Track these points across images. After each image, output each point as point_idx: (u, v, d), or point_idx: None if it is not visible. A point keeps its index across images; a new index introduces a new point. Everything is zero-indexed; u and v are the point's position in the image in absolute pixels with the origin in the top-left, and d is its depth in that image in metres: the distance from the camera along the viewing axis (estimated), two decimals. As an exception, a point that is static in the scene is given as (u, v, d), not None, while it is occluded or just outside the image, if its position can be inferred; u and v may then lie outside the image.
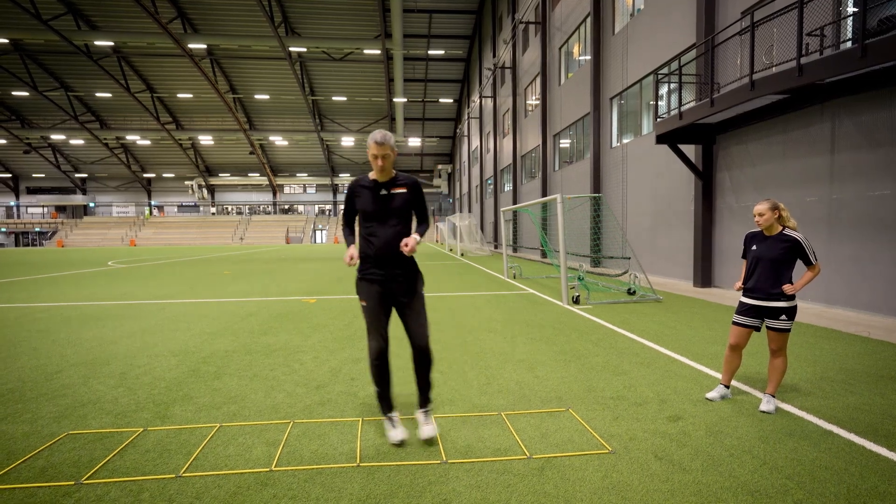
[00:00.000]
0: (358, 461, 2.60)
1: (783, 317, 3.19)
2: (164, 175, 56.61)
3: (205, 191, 57.33)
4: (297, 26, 34.79)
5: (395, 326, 3.38)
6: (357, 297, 3.03)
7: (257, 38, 33.48)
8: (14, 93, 40.91)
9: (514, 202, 25.47)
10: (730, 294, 9.01)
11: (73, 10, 31.91)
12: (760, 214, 3.26)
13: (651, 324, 6.29)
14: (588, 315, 6.96)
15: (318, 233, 56.98)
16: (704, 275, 9.99)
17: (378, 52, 35.09)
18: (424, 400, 3.03)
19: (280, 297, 9.12)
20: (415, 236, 2.81)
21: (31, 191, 56.63)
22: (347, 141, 50.24)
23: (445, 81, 44.67)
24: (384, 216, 2.81)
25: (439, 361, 4.58)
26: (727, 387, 3.50)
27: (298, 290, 10.35)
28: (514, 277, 12.50)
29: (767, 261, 3.23)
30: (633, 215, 13.24)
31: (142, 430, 3.06)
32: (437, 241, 51.25)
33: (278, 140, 49.71)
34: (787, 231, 3.24)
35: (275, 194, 59.77)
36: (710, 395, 3.49)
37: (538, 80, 21.69)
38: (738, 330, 3.39)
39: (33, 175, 55.33)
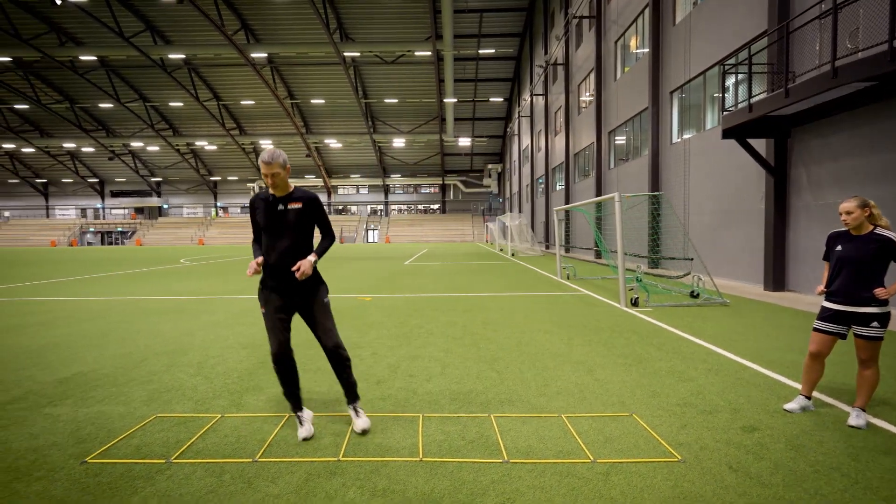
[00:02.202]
0: (421, 456, 2.65)
1: (875, 323, 2.94)
2: (229, 178, 60.07)
3: (265, 192, 60.32)
4: (351, 32, 35.85)
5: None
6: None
7: (314, 44, 34.80)
8: (101, 105, 44.88)
9: (567, 201, 24.95)
10: (806, 298, 8.37)
11: (150, 26, 34.57)
12: (848, 213, 3.01)
13: (718, 329, 5.96)
14: (648, 318, 6.71)
15: (370, 232, 58.42)
16: (777, 277, 9.34)
17: (429, 53, 35.47)
18: (351, 396, 3.10)
19: (337, 295, 9.44)
20: (310, 258, 2.86)
21: (114, 194, 61.87)
22: (398, 142, 51.13)
23: (495, 80, 44.46)
24: (279, 230, 2.88)
25: (495, 360, 4.59)
26: (808, 398, 3.26)
27: (354, 287, 10.67)
28: (568, 278, 12.25)
29: (855, 262, 2.98)
30: (695, 214, 12.60)
31: (219, 416, 3.27)
32: (486, 241, 51.11)
33: (333, 143, 51.42)
34: (879, 230, 2.97)
35: (329, 195, 61.89)
36: (788, 406, 3.26)
37: (592, 76, 21.12)
38: (820, 337, 3.15)
39: (116, 179, 60.42)
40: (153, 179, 60.19)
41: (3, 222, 59.28)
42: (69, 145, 50.84)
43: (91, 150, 52.34)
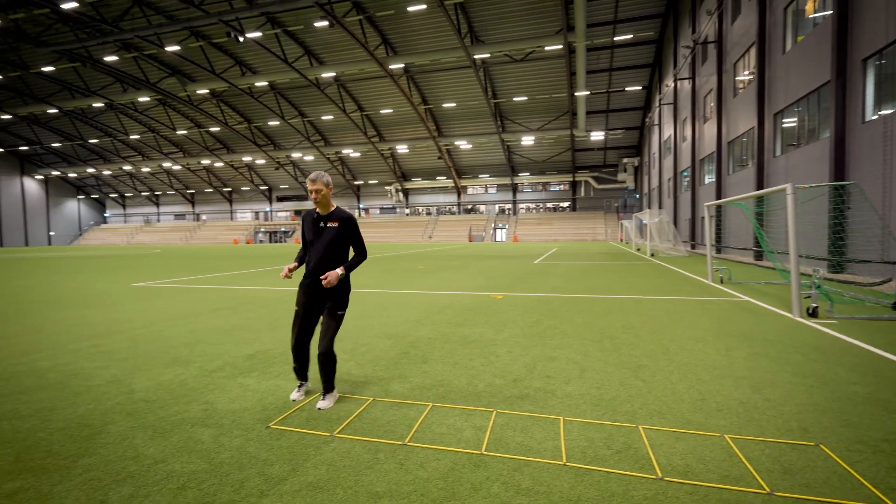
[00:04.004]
0: (564, 460, 2.58)
1: None
2: (370, 182, 65.64)
3: (401, 194, 64.56)
4: (481, 34, 36.44)
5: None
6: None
7: (446, 50, 36.16)
8: (270, 123, 52.52)
9: (718, 196, 22.17)
10: None
11: (307, 51, 39.37)
12: None
13: (938, 350, 4.75)
14: (833, 332, 5.63)
15: (498, 231, 58.90)
16: None
17: (559, 46, 34.43)
18: (326, 390, 3.47)
19: (469, 292, 9.69)
20: (337, 270, 3.27)
21: (279, 199, 71.88)
22: (527, 140, 50.63)
23: (633, 68, 41.36)
24: (319, 243, 3.36)
25: (640, 368, 4.26)
26: None
27: (485, 285, 10.84)
28: (722, 282, 10.88)
29: None
30: (898, 207, 10.20)
31: (371, 399, 3.58)
32: (621, 240, 47.98)
33: (463, 144, 52.92)
34: None
35: (459, 195, 63.87)
36: None
37: (752, 52, 18.42)
38: None
39: (280, 186, 70.13)
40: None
41: (201, 224, 72.84)
42: (247, 158, 60.41)
43: (262, 161, 61.49)
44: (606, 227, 54.79)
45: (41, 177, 69.73)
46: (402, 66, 40.54)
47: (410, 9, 28.78)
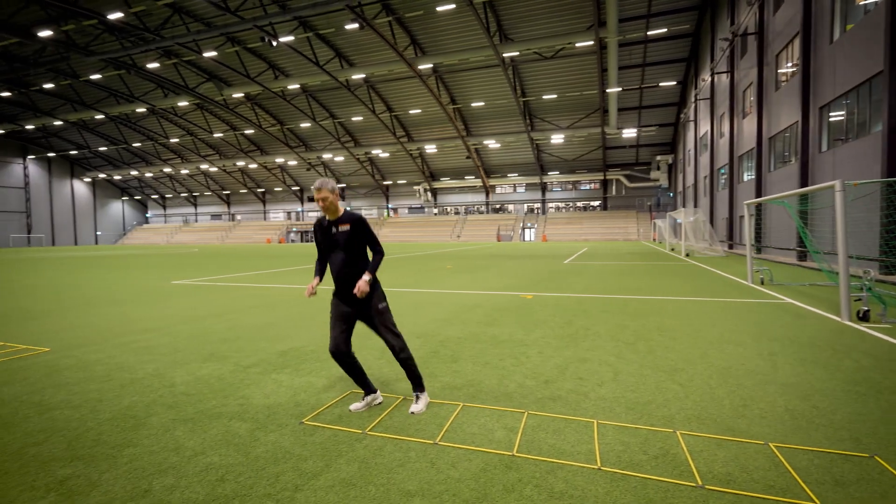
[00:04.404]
0: (599, 464, 2.52)
1: None
2: (398, 181, 66.15)
3: (429, 194, 64.80)
4: (511, 32, 36.15)
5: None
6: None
7: (474, 49, 36.06)
8: (302, 125, 53.63)
9: (758, 194, 21.29)
10: None
11: (338, 53, 39.99)
12: None
13: None
14: (887, 337, 5.31)
15: (526, 231, 58.37)
16: None
17: (591, 42, 33.81)
18: (415, 386, 3.41)
19: (498, 292, 9.62)
20: (365, 277, 3.23)
21: (311, 199, 73.27)
22: (557, 138, 49.94)
23: (667, 63, 40.17)
24: (336, 249, 3.33)
25: (676, 372, 4.13)
26: None
27: (514, 285, 10.75)
28: (763, 283, 10.44)
29: None
30: (959, 205, 9.54)
31: (402, 398, 3.59)
32: (653, 240, 46.77)
33: (491, 143, 52.66)
34: None
35: (487, 194, 63.61)
36: None
37: (796, 42, 17.60)
38: None
39: (311, 186, 71.59)
40: (339, 185, 69.69)
41: (236, 224, 75.10)
42: (280, 160, 61.89)
43: (294, 163, 62.85)
44: (639, 227, 53.48)
45: (89, 179, 73.37)
46: (431, 66, 40.64)
47: (439, 9, 28.82)
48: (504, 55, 36.21)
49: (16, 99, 49.02)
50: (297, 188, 71.80)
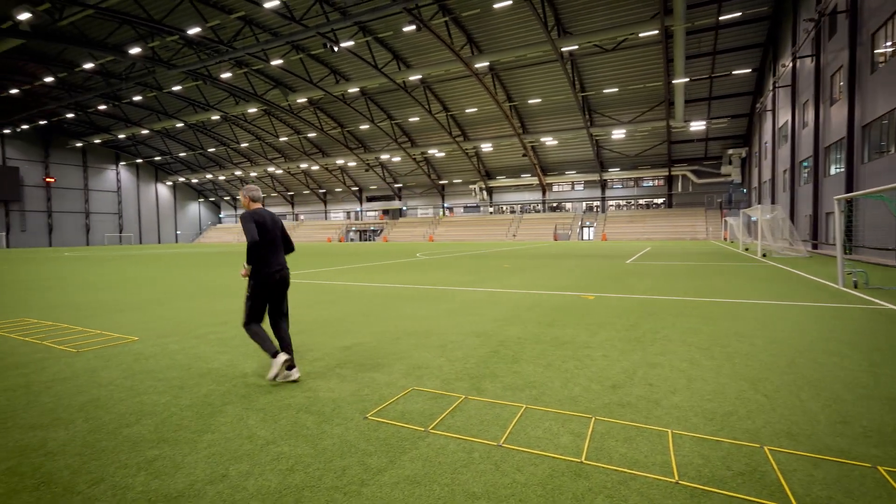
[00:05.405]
0: (676, 477, 2.35)
1: None
2: (454, 181, 66.42)
3: (485, 192, 64.57)
4: (569, 26, 35.17)
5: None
6: None
7: (531, 45, 35.44)
8: (361, 127, 55.25)
9: (849, 188, 19.32)
10: None
11: (396, 56, 40.77)
12: None
13: None
14: None
15: (585, 230, 56.68)
16: None
17: (655, 32, 32.17)
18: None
19: (557, 292, 9.37)
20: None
21: (369, 199, 75.36)
22: (618, 133, 48.05)
23: (740, 49, 37.40)
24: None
25: (759, 381, 3.80)
26: None
27: (574, 285, 10.43)
28: (856, 286, 9.44)
29: None
30: None
31: (463, 397, 3.56)
32: (724, 239, 43.86)
33: (548, 140, 51.58)
34: None
35: (544, 192, 62.40)
36: None
37: (898, 18, 15.76)
38: None
39: (370, 187, 73.49)
40: (396, 185, 71.07)
41: (299, 223, 78.68)
42: (340, 161, 64.10)
43: (354, 164, 64.86)
44: (707, 225, 50.32)
45: (170, 183, 79.73)
46: (487, 64, 40.41)
47: (496, 6, 28.59)
48: (562, 49, 35.30)
49: (111, 111, 54.27)
50: (356, 189, 74.04)
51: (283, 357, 3.88)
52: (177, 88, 44.81)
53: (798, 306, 7.37)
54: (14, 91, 42.78)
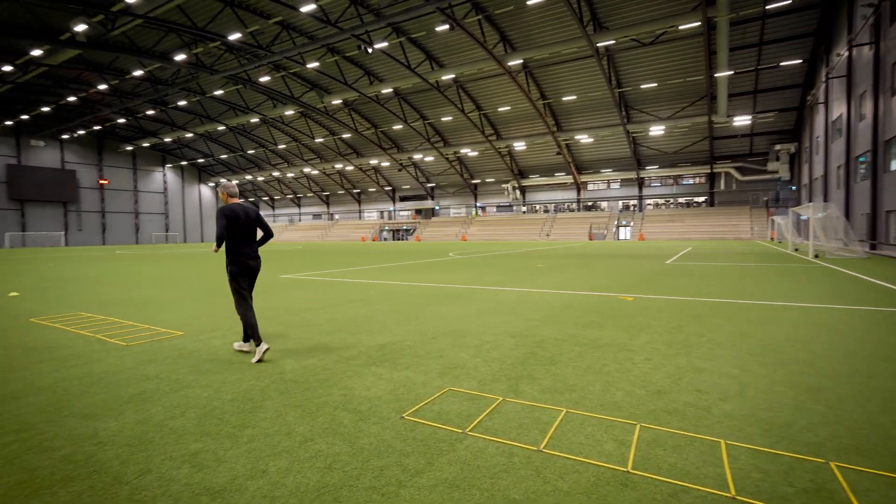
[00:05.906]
0: (733, 492, 2.20)
1: None
2: (487, 180, 66.11)
3: (517, 192, 63.95)
4: (605, 20, 34.33)
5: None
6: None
7: (566, 41, 34.81)
8: (394, 127, 55.78)
9: (912, 184, 17.99)
10: None
11: (429, 56, 40.90)
12: None
13: None
14: None
15: (622, 229, 55.29)
16: None
17: (697, 24, 30.96)
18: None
19: (593, 292, 9.13)
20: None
21: (402, 198, 76.03)
22: (656, 130, 46.57)
23: (789, 39, 35.48)
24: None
25: (820, 391, 3.55)
26: None
27: (611, 286, 10.14)
28: (922, 290, 8.76)
29: None
30: None
31: (501, 399, 3.48)
32: (771, 239, 41.84)
33: (584, 138, 50.57)
34: None
35: (578, 191, 61.24)
36: None
37: (971, 0, 14.53)
38: None
39: (403, 186, 74.12)
40: (428, 185, 71.39)
41: (334, 223, 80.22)
42: (373, 161, 64.94)
43: (387, 164, 65.55)
44: (753, 224, 48.11)
45: (213, 184, 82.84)
46: (521, 61, 39.99)
47: (530, 2, 28.23)
48: (598, 45, 34.51)
49: (158, 116, 56.91)
50: (390, 188, 74.79)
51: (265, 346, 4.53)
52: (218, 93, 46.50)
53: (859, 311, 6.89)
54: (72, 98, 45.44)
